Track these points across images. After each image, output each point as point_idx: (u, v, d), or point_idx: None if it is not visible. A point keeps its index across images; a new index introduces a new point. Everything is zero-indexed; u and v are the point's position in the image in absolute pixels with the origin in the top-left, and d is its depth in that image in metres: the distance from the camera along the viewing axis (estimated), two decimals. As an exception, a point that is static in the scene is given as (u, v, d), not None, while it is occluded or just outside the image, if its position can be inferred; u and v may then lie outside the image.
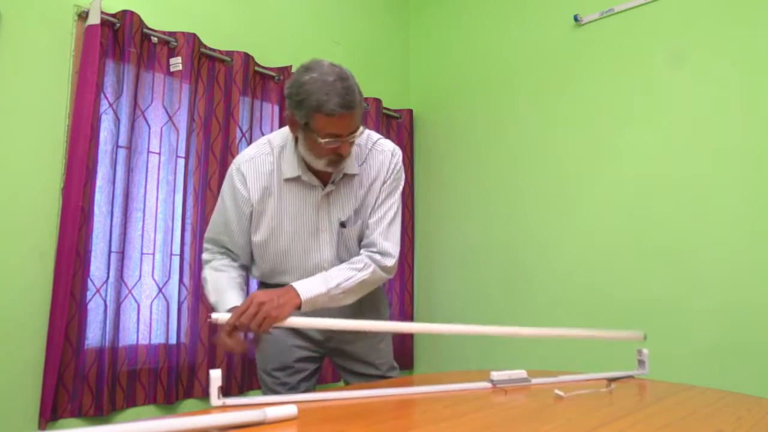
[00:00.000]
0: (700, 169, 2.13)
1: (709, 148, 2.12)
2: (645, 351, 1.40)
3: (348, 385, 1.46)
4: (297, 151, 1.34)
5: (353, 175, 1.39)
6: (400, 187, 1.45)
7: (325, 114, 1.19)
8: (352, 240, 1.42)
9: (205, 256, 1.47)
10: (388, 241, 1.39)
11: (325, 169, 1.31)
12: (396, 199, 1.44)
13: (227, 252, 1.44)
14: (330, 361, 1.59)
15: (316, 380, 1.52)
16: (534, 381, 1.31)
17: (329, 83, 1.19)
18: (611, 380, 1.29)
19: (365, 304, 1.47)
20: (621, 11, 2.39)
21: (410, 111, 3.12)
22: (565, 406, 1.08)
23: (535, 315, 2.52)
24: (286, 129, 1.38)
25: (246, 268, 1.48)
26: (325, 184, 1.37)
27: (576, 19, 2.52)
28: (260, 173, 1.36)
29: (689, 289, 2.10)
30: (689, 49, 2.19)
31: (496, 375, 1.27)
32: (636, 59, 2.34)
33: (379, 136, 1.47)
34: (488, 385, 1.26)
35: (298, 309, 1.22)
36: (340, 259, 1.41)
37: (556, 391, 1.15)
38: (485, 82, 2.88)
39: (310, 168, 1.35)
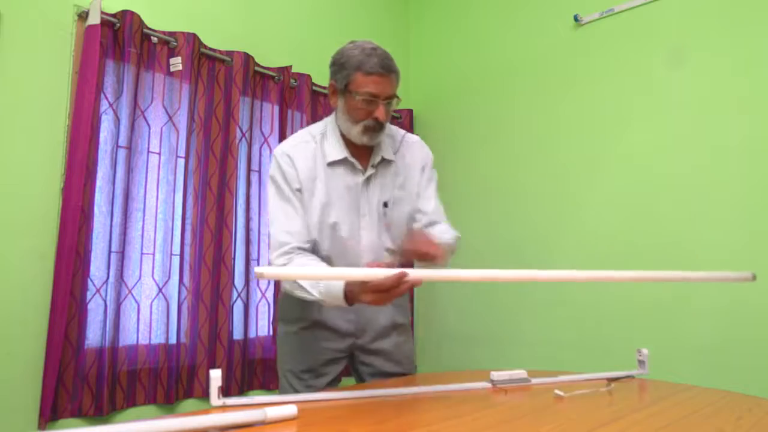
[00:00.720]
0: (699, 169, 2.13)
1: (708, 147, 2.12)
2: (645, 351, 1.40)
3: (348, 385, 1.45)
4: (339, 135, 1.42)
5: (390, 162, 1.46)
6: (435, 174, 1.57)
7: (364, 72, 1.29)
8: (393, 223, 1.47)
9: (281, 262, 1.34)
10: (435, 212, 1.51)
11: (361, 139, 1.36)
12: (435, 182, 1.57)
13: (300, 250, 1.36)
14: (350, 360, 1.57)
15: (339, 382, 1.53)
16: (534, 381, 1.31)
17: (369, 48, 1.31)
18: (611, 380, 1.29)
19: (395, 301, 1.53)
20: (621, 11, 2.39)
21: (410, 111, 3.12)
22: (565, 406, 1.08)
23: (536, 313, 2.52)
24: (323, 120, 1.49)
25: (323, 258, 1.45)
26: (365, 169, 1.43)
27: (576, 19, 2.52)
28: (306, 158, 1.40)
29: (689, 289, 2.10)
30: (689, 49, 2.19)
31: (496, 375, 1.27)
32: (636, 59, 2.34)
33: (405, 131, 1.57)
34: (488, 385, 1.26)
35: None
36: (381, 243, 1.46)
37: (556, 391, 1.15)
38: (485, 82, 2.88)
39: (352, 152, 1.41)
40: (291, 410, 0.92)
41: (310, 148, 1.42)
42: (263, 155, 2.46)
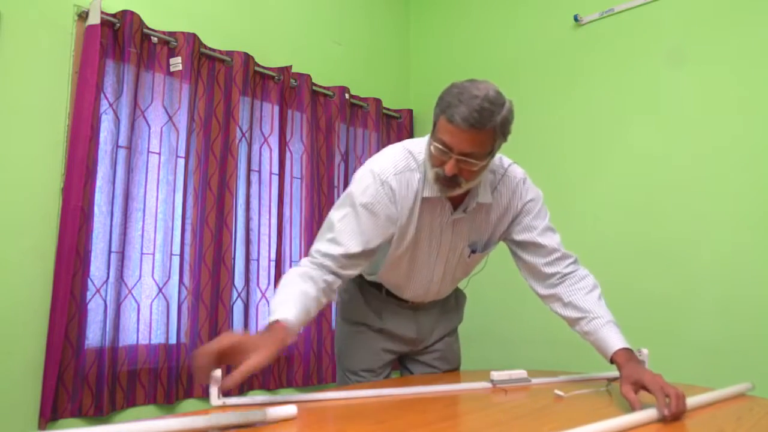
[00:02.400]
0: (699, 168, 2.13)
1: (708, 147, 2.12)
2: (645, 351, 1.40)
3: (348, 385, 1.46)
4: None
5: (487, 204, 1.33)
6: (545, 211, 1.43)
7: (446, 118, 1.13)
8: (471, 265, 1.44)
9: (303, 260, 1.26)
10: (556, 244, 1.41)
11: (433, 187, 1.24)
12: (546, 216, 1.42)
13: (334, 270, 1.23)
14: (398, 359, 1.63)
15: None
16: (534, 381, 1.31)
17: (470, 95, 1.12)
18: (611, 380, 1.29)
19: (454, 306, 1.63)
20: (621, 11, 2.39)
21: (410, 111, 3.12)
22: (565, 406, 1.08)
23: (536, 314, 2.52)
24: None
25: (341, 289, 1.43)
26: (454, 210, 1.31)
27: (576, 19, 2.52)
28: (408, 190, 1.27)
29: (689, 289, 2.10)
30: (689, 49, 2.19)
31: (496, 375, 1.27)
32: (636, 59, 2.33)
33: (510, 161, 1.41)
34: (488, 385, 1.26)
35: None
36: (449, 278, 1.44)
37: (556, 391, 1.16)
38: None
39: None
40: (291, 410, 0.92)
41: (415, 179, 1.27)
42: (263, 155, 2.46)
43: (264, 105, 2.49)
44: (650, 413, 0.96)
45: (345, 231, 1.23)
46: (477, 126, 1.11)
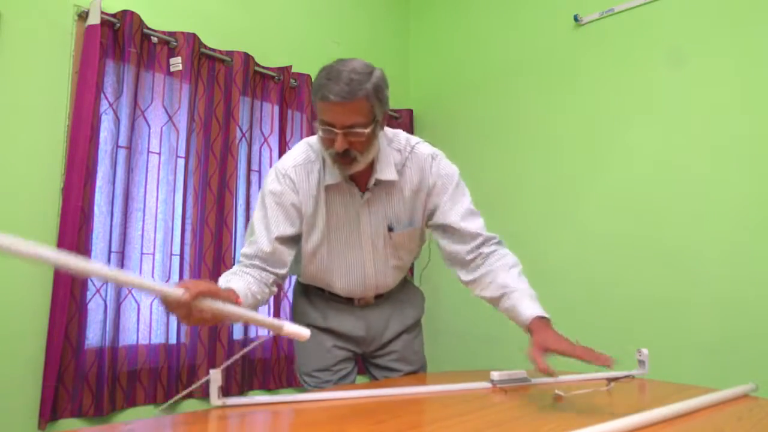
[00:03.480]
0: (699, 168, 2.13)
1: (708, 146, 2.12)
2: (645, 351, 1.40)
3: (348, 385, 1.46)
4: None
5: (392, 182, 1.35)
6: (464, 190, 1.41)
7: (320, 98, 1.17)
8: (399, 246, 1.42)
9: (234, 267, 1.32)
10: (479, 227, 1.38)
11: (334, 167, 1.27)
12: (465, 197, 1.40)
13: (262, 267, 1.29)
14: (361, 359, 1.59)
15: (355, 375, 1.54)
16: (534, 381, 1.31)
17: (338, 71, 1.17)
18: (611, 380, 1.29)
19: (406, 301, 1.55)
20: (621, 11, 2.39)
21: (410, 111, 3.12)
22: (565, 406, 1.08)
23: (535, 315, 2.52)
24: None
25: (278, 286, 1.38)
26: (363, 192, 1.34)
27: (576, 19, 2.52)
28: (309, 180, 1.33)
29: (689, 288, 2.10)
30: (689, 49, 2.19)
31: (496, 375, 1.27)
32: (636, 59, 2.33)
33: (419, 140, 1.42)
34: (488, 385, 1.26)
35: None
36: (382, 265, 1.42)
37: (556, 391, 1.15)
38: (485, 82, 2.88)
39: (352, 174, 1.30)
40: (305, 332, 0.99)
41: (315, 169, 1.33)
42: (263, 155, 2.46)
43: (264, 105, 2.49)
44: (651, 414, 0.96)
45: (259, 229, 1.31)
46: (349, 97, 1.16)
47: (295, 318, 1.54)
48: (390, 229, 1.38)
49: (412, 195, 1.37)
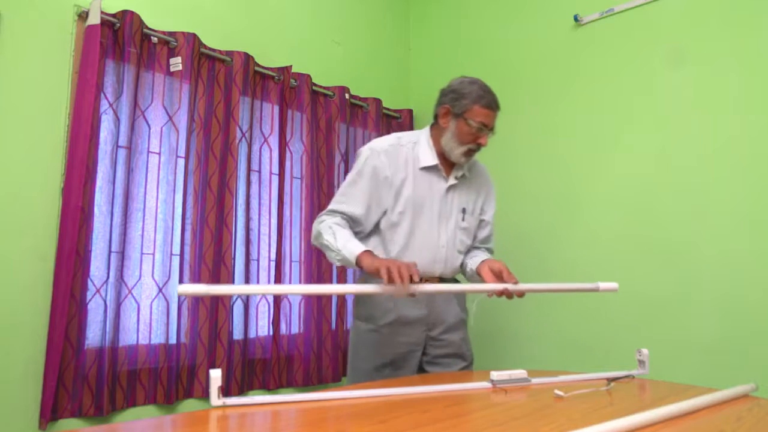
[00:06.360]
0: (699, 168, 2.13)
1: (708, 147, 2.12)
2: (645, 351, 1.40)
3: (348, 385, 1.46)
4: (432, 145, 1.68)
5: (466, 178, 1.74)
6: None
7: (481, 105, 1.60)
8: (465, 231, 1.73)
9: (321, 217, 1.63)
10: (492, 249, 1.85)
11: (459, 158, 1.64)
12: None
13: (348, 220, 1.61)
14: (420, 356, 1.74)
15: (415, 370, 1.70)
16: (534, 381, 1.31)
17: (486, 88, 1.64)
18: (611, 380, 1.29)
19: (458, 296, 1.78)
20: (621, 11, 2.39)
21: (410, 111, 3.12)
22: (565, 406, 1.08)
23: (537, 313, 2.52)
24: (413, 131, 1.85)
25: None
26: (447, 178, 1.70)
27: (576, 19, 2.52)
28: (398, 161, 1.64)
29: (690, 288, 2.10)
30: (689, 49, 2.19)
31: (496, 375, 1.27)
32: (636, 59, 2.33)
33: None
34: (488, 385, 1.26)
35: None
36: (454, 244, 1.70)
37: (556, 391, 1.16)
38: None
39: (441, 161, 1.67)
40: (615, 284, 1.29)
41: (403, 153, 1.65)
42: (263, 155, 2.46)
43: (264, 105, 2.49)
44: (651, 414, 0.96)
45: (351, 194, 1.62)
46: (498, 108, 1.65)
47: (359, 313, 1.71)
48: (463, 212, 1.71)
49: (476, 191, 1.77)
